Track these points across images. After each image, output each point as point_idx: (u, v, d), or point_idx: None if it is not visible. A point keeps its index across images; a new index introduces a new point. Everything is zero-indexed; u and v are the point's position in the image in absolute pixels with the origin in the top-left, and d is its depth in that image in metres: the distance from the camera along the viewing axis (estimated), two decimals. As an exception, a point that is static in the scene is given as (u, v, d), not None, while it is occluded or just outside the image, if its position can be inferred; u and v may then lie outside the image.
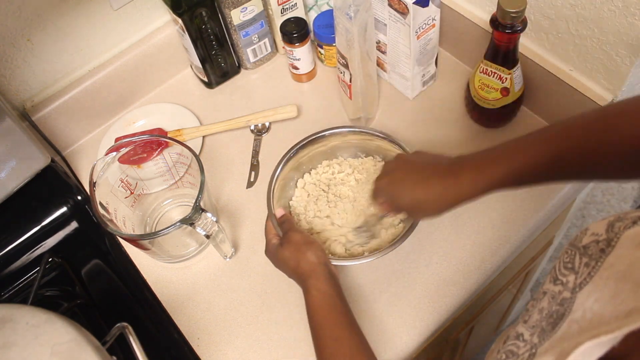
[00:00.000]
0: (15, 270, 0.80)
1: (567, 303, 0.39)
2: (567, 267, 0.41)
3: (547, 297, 0.42)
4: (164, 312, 0.74)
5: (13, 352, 0.50)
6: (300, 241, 0.63)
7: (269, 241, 0.68)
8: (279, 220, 0.69)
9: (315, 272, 0.60)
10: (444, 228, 0.75)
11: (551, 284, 0.42)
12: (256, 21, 0.89)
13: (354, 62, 0.76)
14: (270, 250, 0.67)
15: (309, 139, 0.76)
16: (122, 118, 0.92)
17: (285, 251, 0.63)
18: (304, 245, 0.62)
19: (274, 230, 0.68)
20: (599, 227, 0.40)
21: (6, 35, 0.77)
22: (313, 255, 0.61)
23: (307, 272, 0.60)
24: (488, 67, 0.76)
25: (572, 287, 0.39)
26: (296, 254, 0.62)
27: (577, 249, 0.41)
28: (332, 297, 0.58)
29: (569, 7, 0.70)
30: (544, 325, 0.40)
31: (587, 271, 0.39)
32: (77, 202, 0.83)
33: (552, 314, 0.40)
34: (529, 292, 1.54)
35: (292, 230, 0.65)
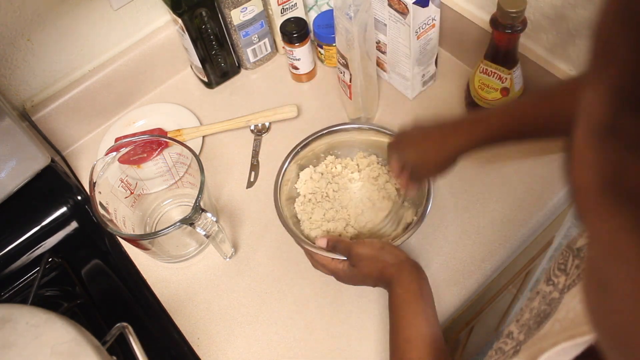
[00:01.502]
0: (15, 270, 0.80)
1: (554, 303, 0.39)
2: (560, 268, 0.41)
3: (539, 297, 0.42)
4: (164, 312, 0.74)
5: (13, 352, 0.50)
6: (371, 252, 0.62)
7: (336, 270, 0.65)
8: (329, 247, 0.66)
9: (401, 270, 0.60)
10: (444, 228, 0.75)
11: (544, 284, 0.43)
12: (256, 21, 0.89)
13: (354, 62, 0.76)
14: (344, 277, 0.65)
15: (312, 137, 0.76)
16: (122, 118, 0.92)
17: (363, 268, 0.62)
18: (379, 253, 0.61)
19: (329, 259, 0.65)
20: None
21: (6, 35, 0.77)
22: (392, 257, 0.61)
23: (392, 274, 0.60)
24: (488, 67, 0.76)
25: (562, 288, 0.39)
26: (375, 264, 0.61)
27: (572, 250, 0.42)
28: (414, 294, 0.58)
29: (569, 7, 0.70)
30: (531, 323, 0.40)
31: (577, 273, 0.39)
32: (77, 202, 0.83)
33: (540, 313, 0.40)
34: (529, 292, 1.53)
35: (354, 246, 0.63)
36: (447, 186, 0.79)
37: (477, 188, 0.78)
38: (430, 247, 0.74)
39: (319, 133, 0.76)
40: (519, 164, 0.79)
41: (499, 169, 0.79)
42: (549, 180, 0.77)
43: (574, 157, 0.21)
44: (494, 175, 0.79)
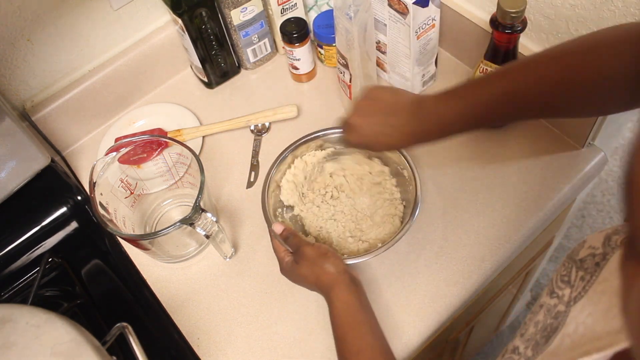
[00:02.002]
0: (15, 270, 0.80)
1: (561, 316, 0.38)
2: (564, 280, 0.41)
3: (543, 310, 0.42)
4: (164, 312, 0.74)
5: (13, 352, 0.50)
6: (314, 255, 0.62)
7: (281, 260, 0.66)
8: (283, 236, 0.66)
9: (337, 282, 0.59)
10: (444, 228, 0.75)
11: (547, 297, 0.42)
12: (256, 21, 0.89)
13: (354, 62, 0.76)
14: (285, 268, 0.66)
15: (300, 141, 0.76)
16: (122, 118, 0.92)
17: (302, 268, 0.62)
18: (320, 258, 0.61)
19: (283, 247, 0.66)
20: (596, 240, 0.40)
21: (6, 35, 0.77)
22: (331, 266, 0.60)
23: (328, 284, 0.59)
24: (488, 67, 0.76)
25: (567, 300, 0.39)
26: (313, 269, 0.61)
27: (574, 262, 0.41)
28: (354, 307, 0.58)
29: (569, 7, 0.70)
30: (538, 338, 0.40)
31: (582, 285, 0.38)
32: (77, 202, 0.83)
33: (546, 327, 0.40)
34: (529, 292, 1.54)
35: (303, 245, 0.63)
36: (446, 186, 0.79)
37: (477, 188, 0.78)
38: (430, 247, 0.74)
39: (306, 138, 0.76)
40: (519, 164, 0.79)
41: (499, 169, 0.79)
42: (549, 180, 0.77)
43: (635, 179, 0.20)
44: (494, 175, 0.79)
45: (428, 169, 0.80)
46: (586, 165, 0.78)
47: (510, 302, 1.35)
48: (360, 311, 0.58)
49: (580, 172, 0.78)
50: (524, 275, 1.17)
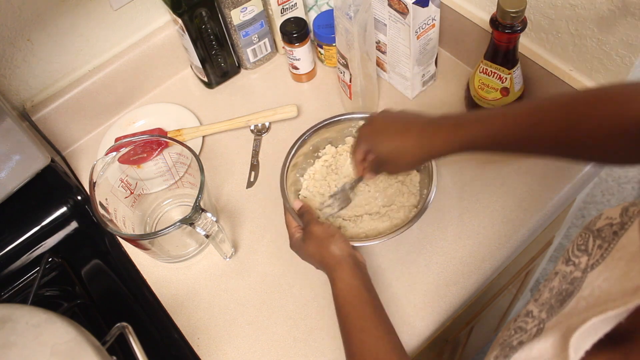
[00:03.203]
0: (15, 270, 0.80)
1: (577, 282, 0.39)
2: (580, 249, 0.42)
3: (558, 277, 0.42)
4: (164, 312, 0.74)
5: (13, 352, 0.50)
6: (321, 235, 0.63)
7: (292, 235, 0.68)
8: (299, 212, 0.68)
9: (340, 264, 0.60)
10: (444, 228, 0.75)
11: (563, 264, 0.43)
12: (256, 21, 0.89)
13: (354, 62, 0.76)
14: (294, 244, 0.67)
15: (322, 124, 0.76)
16: (122, 118, 0.92)
17: (309, 246, 0.63)
18: (326, 239, 0.62)
19: (295, 223, 0.67)
20: (614, 212, 0.41)
21: (6, 35, 0.77)
22: (336, 248, 0.61)
23: (332, 265, 0.60)
24: (488, 67, 0.76)
25: (584, 267, 0.39)
26: (319, 249, 0.62)
27: (591, 232, 0.42)
28: (357, 288, 0.58)
29: (569, 7, 0.70)
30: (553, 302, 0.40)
31: (600, 253, 0.39)
32: (77, 202, 0.83)
33: (561, 292, 0.40)
34: (529, 292, 1.54)
35: (312, 223, 0.64)
36: (447, 186, 0.79)
37: (477, 188, 0.78)
38: (430, 247, 0.74)
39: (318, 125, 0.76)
40: (519, 164, 0.79)
41: (499, 169, 0.79)
42: (549, 180, 0.77)
43: None
44: (494, 175, 0.79)
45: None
46: (586, 165, 0.78)
47: (510, 302, 1.35)
48: (364, 292, 0.58)
49: (580, 172, 0.78)
50: (524, 275, 1.17)
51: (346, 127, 0.78)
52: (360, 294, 0.58)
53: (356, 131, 0.67)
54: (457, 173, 0.80)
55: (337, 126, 0.77)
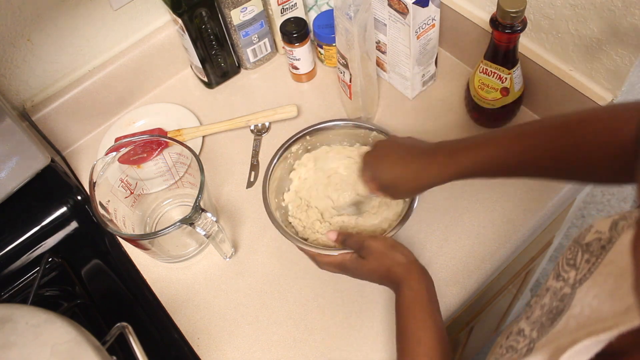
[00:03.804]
0: (15, 270, 0.80)
1: (566, 299, 0.39)
2: (569, 263, 0.41)
3: (549, 294, 0.42)
4: (164, 312, 0.74)
5: (13, 352, 0.50)
6: (383, 248, 0.62)
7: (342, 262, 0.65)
8: (339, 240, 0.66)
9: (410, 271, 0.59)
10: (444, 228, 0.75)
11: (554, 280, 0.43)
12: (256, 21, 0.89)
13: (354, 62, 0.76)
14: (350, 267, 0.65)
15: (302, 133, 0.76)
16: (122, 118, 0.92)
17: (372, 262, 0.62)
18: (390, 250, 0.61)
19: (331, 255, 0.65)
20: (603, 225, 0.40)
21: (6, 35, 0.77)
22: (402, 257, 0.61)
23: (400, 274, 0.60)
24: (488, 67, 0.76)
25: (573, 282, 0.39)
26: (384, 261, 0.61)
27: (580, 245, 0.41)
28: (422, 297, 0.58)
29: (569, 7, 0.70)
30: (544, 320, 0.40)
31: (588, 267, 0.39)
32: (77, 202, 0.83)
33: (552, 309, 0.40)
34: (529, 292, 1.53)
35: (367, 239, 0.63)
36: (446, 186, 0.79)
37: (477, 188, 0.78)
38: (430, 247, 0.74)
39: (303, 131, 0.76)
40: (519, 164, 0.79)
41: (499, 169, 0.79)
42: (549, 180, 0.77)
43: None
44: (494, 175, 0.79)
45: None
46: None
47: (510, 302, 1.35)
48: (428, 302, 0.58)
49: (580, 172, 0.78)
50: (524, 275, 1.17)
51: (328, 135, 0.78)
52: (424, 303, 0.58)
53: (361, 157, 0.68)
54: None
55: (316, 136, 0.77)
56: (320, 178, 0.77)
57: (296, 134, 0.76)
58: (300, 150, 0.78)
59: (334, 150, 0.79)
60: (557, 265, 0.43)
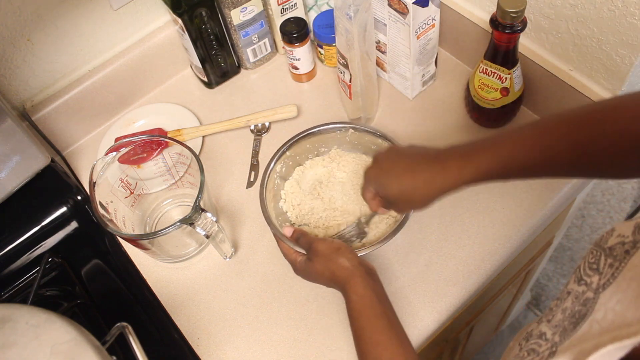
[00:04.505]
0: (15, 270, 0.80)
1: (589, 303, 0.38)
2: (592, 267, 0.41)
3: (570, 297, 0.42)
4: (164, 312, 0.74)
5: (13, 352, 0.50)
6: (328, 250, 0.61)
7: (293, 261, 0.66)
8: (293, 238, 0.66)
9: (353, 275, 0.59)
10: (444, 228, 0.75)
11: (575, 284, 0.42)
12: (256, 21, 0.89)
13: (354, 62, 0.76)
14: (299, 268, 0.65)
15: (299, 136, 0.76)
16: (122, 118, 0.92)
17: (317, 265, 0.62)
18: (334, 253, 0.61)
19: (292, 249, 0.66)
20: (626, 229, 0.40)
21: (6, 35, 0.77)
22: (346, 260, 0.60)
23: (344, 278, 0.59)
24: (488, 67, 0.76)
25: (596, 287, 0.39)
26: (328, 264, 0.61)
27: (603, 249, 0.41)
28: (371, 300, 0.57)
29: (569, 7, 0.70)
30: (566, 324, 0.40)
31: (611, 272, 0.38)
32: (77, 202, 0.83)
33: (574, 313, 0.40)
34: (529, 292, 1.54)
35: (315, 241, 0.63)
36: (447, 186, 0.79)
37: (477, 188, 0.78)
38: (430, 247, 0.74)
39: (298, 136, 0.76)
40: (519, 164, 0.79)
41: (499, 169, 0.79)
42: (549, 180, 0.77)
43: None
44: (494, 175, 0.79)
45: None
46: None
47: (510, 302, 1.36)
48: (378, 304, 0.57)
49: (580, 172, 0.78)
50: (524, 275, 1.17)
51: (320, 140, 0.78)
52: (373, 306, 0.57)
53: (363, 174, 0.66)
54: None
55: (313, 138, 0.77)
56: (316, 204, 0.76)
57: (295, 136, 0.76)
58: (284, 168, 0.77)
59: (317, 163, 0.79)
60: (579, 269, 0.43)
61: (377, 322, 0.56)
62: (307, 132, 0.76)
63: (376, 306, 0.57)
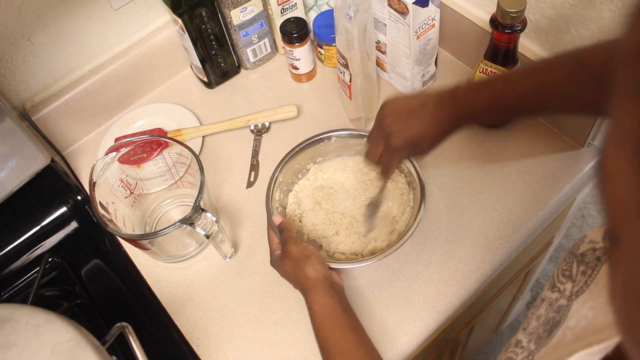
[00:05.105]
0: (15, 270, 0.80)
1: (563, 310, 0.38)
2: (565, 274, 0.41)
3: (544, 304, 0.42)
4: (164, 312, 0.74)
5: (13, 351, 0.50)
6: (297, 255, 0.62)
7: (272, 252, 0.67)
8: (279, 227, 0.68)
9: (315, 287, 0.59)
10: (444, 228, 0.75)
11: (549, 291, 0.42)
12: (256, 21, 0.89)
13: (354, 62, 0.76)
14: (273, 261, 0.67)
15: (309, 141, 0.76)
16: (122, 118, 0.92)
17: (286, 265, 0.63)
18: (302, 260, 0.62)
19: (277, 239, 0.67)
20: (597, 235, 0.40)
21: (6, 35, 0.77)
22: (311, 270, 0.61)
23: (307, 287, 0.60)
24: (488, 67, 0.76)
25: (569, 294, 0.39)
26: (295, 270, 0.62)
27: (575, 256, 0.41)
28: (333, 310, 0.58)
29: (569, 7, 0.70)
30: (541, 332, 0.40)
31: (584, 279, 0.38)
32: (77, 202, 0.83)
33: (548, 321, 0.40)
34: (529, 292, 1.54)
35: (289, 242, 0.64)
36: (447, 186, 0.79)
37: (477, 188, 0.78)
38: (430, 247, 0.74)
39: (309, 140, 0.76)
40: (519, 164, 0.79)
41: (499, 169, 0.79)
42: (549, 180, 0.77)
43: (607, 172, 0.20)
44: (494, 175, 0.79)
45: (428, 169, 0.80)
46: (586, 165, 0.78)
47: (510, 302, 1.35)
48: (341, 314, 0.58)
49: (580, 172, 0.78)
50: (524, 275, 1.17)
51: (330, 144, 0.78)
52: (337, 315, 0.58)
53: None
54: (457, 173, 0.80)
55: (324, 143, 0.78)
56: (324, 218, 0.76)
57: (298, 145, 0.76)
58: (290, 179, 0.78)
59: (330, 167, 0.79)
60: (553, 276, 0.43)
61: (341, 331, 0.57)
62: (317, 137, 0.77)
63: (339, 316, 0.58)
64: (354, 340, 0.56)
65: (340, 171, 0.79)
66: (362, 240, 0.73)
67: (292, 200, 0.77)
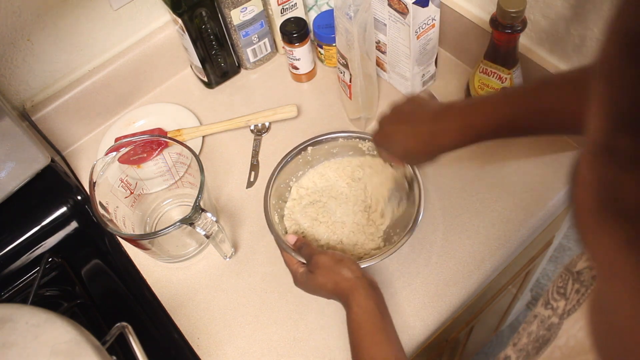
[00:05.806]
0: (15, 270, 0.80)
1: (554, 328, 0.38)
2: (560, 292, 0.41)
3: (536, 321, 0.42)
4: (164, 312, 0.74)
5: (13, 351, 0.50)
6: (330, 262, 0.61)
7: (295, 272, 0.66)
8: (296, 246, 0.67)
9: (356, 287, 0.59)
10: (444, 228, 0.75)
11: (542, 307, 0.42)
12: (256, 21, 0.89)
13: (354, 62, 0.76)
14: (300, 280, 0.65)
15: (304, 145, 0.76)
16: (122, 118, 0.92)
17: (319, 277, 0.61)
18: (336, 265, 0.61)
19: (295, 259, 0.66)
20: None
21: (6, 35, 0.77)
22: (348, 272, 0.60)
23: (347, 289, 0.59)
24: (488, 67, 0.76)
25: (561, 313, 0.39)
26: (331, 276, 0.61)
27: (571, 274, 0.41)
28: (373, 312, 0.57)
29: (569, 7, 0.70)
30: (530, 349, 0.40)
31: (577, 298, 0.38)
32: (77, 202, 0.83)
33: (538, 338, 0.40)
34: (529, 292, 1.54)
35: (315, 254, 0.63)
36: (447, 186, 0.79)
37: (477, 188, 0.78)
38: (430, 247, 0.74)
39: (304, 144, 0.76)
40: (518, 164, 0.79)
41: (499, 169, 0.79)
42: (549, 180, 0.77)
43: (576, 175, 0.21)
44: (494, 175, 0.79)
45: (428, 169, 0.80)
46: None
47: (510, 302, 1.35)
48: (379, 318, 0.57)
49: (580, 172, 0.78)
50: (524, 275, 1.17)
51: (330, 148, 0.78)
52: (375, 319, 0.57)
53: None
54: (457, 173, 0.80)
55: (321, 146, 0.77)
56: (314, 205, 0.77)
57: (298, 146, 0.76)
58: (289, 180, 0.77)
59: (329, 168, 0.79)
60: (547, 292, 0.43)
61: (376, 336, 0.56)
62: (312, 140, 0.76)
63: (377, 320, 0.57)
64: (386, 348, 0.56)
65: (319, 178, 0.78)
66: (364, 243, 0.73)
67: (290, 224, 0.76)
